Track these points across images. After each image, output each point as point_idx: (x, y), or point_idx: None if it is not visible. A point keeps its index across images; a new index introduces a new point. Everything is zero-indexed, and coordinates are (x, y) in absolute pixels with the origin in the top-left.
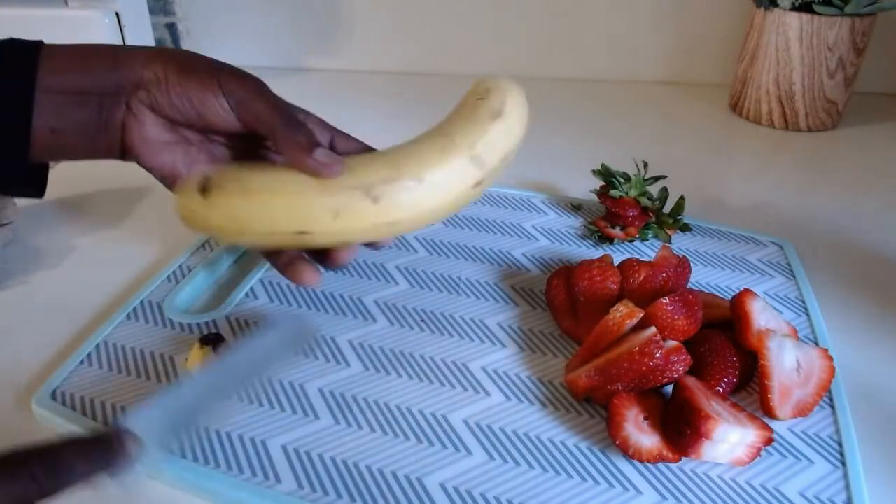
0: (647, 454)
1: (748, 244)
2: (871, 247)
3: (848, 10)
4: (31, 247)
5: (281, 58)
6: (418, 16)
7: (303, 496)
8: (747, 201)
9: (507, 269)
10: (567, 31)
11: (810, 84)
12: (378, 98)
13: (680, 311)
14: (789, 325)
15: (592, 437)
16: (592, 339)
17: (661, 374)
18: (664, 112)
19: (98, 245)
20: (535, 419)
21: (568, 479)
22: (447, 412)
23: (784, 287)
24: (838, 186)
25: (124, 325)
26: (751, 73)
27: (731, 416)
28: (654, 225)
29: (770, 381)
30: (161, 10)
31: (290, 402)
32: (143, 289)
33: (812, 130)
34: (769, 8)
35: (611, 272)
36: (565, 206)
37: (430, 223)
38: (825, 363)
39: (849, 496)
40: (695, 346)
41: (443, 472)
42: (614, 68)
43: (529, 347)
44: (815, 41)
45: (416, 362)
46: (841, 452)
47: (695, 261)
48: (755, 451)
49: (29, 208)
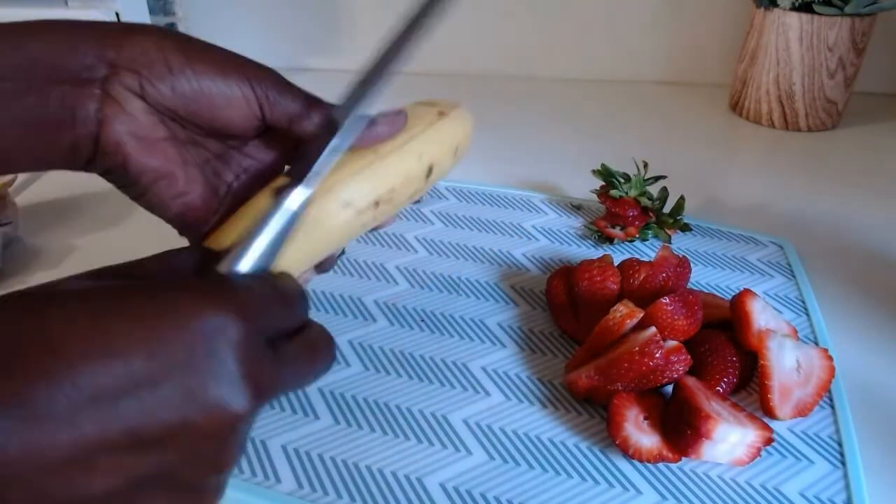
0: (647, 454)
1: (748, 244)
2: (871, 247)
3: (848, 10)
4: (31, 247)
5: (281, 58)
6: None
7: (303, 496)
8: (747, 201)
9: (507, 269)
10: (567, 31)
11: (810, 84)
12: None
13: (680, 311)
14: (789, 325)
15: (592, 437)
16: (592, 339)
17: (661, 374)
18: (664, 112)
19: (98, 245)
20: (535, 419)
21: (568, 479)
22: (447, 412)
23: (784, 287)
24: (838, 186)
25: None
26: (751, 73)
27: (731, 416)
28: (654, 225)
29: (770, 381)
30: (161, 10)
31: (290, 402)
32: None
33: (812, 130)
34: (769, 8)
35: (611, 272)
36: (565, 206)
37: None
38: (825, 363)
39: (849, 496)
40: (695, 346)
41: (443, 472)
42: (614, 68)
43: (529, 347)
44: (815, 41)
45: (416, 362)
46: (841, 452)
47: (695, 261)
48: (755, 451)
49: (29, 208)
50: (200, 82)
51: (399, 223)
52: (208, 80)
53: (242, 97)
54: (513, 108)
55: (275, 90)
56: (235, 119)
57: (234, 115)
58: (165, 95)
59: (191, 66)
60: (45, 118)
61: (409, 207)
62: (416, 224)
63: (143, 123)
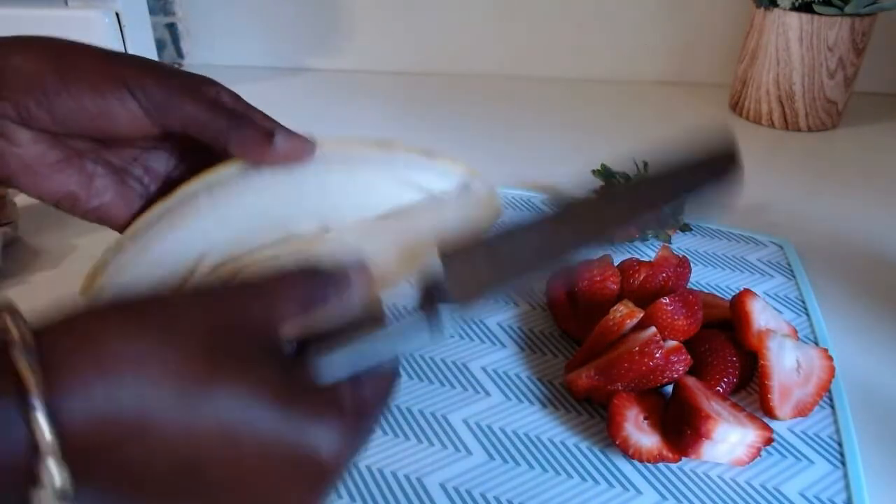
0: (647, 454)
1: (748, 244)
2: (871, 247)
3: (848, 10)
4: (31, 247)
5: (281, 58)
6: (418, 16)
7: None
8: (747, 201)
9: None
10: (567, 31)
11: (810, 84)
12: (378, 98)
13: (680, 311)
14: (789, 325)
15: (592, 437)
16: (592, 339)
17: (661, 374)
18: (664, 112)
19: (98, 245)
20: (535, 419)
21: (568, 479)
22: (447, 412)
23: (784, 287)
24: (838, 186)
25: None
26: (751, 73)
27: (731, 416)
28: (654, 225)
29: (770, 381)
30: (161, 10)
31: None
32: None
33: (812, 130)
34: (769, 8)
35: (611, 272)
36: None
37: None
38: (825, 363)
39: (849, 496)
40: (695, 346)
41: (443, 472)
42: (614, 68)
43: (529, 347)
44: (815, 41)
45: (416, 362)
46: (841, 452)
47: (695, 261)
48: (755, 451)
49: (29, 208)
50: (78, 101)
51: None
52: (86, 98)
53: (123, 110)
54: (513, 108)
55: (170, 98)
56: (125, 129)
57: (122, 125)
58: (45, 120)
59: (66, 88)
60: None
61: None
62: None
63: (33, 153)
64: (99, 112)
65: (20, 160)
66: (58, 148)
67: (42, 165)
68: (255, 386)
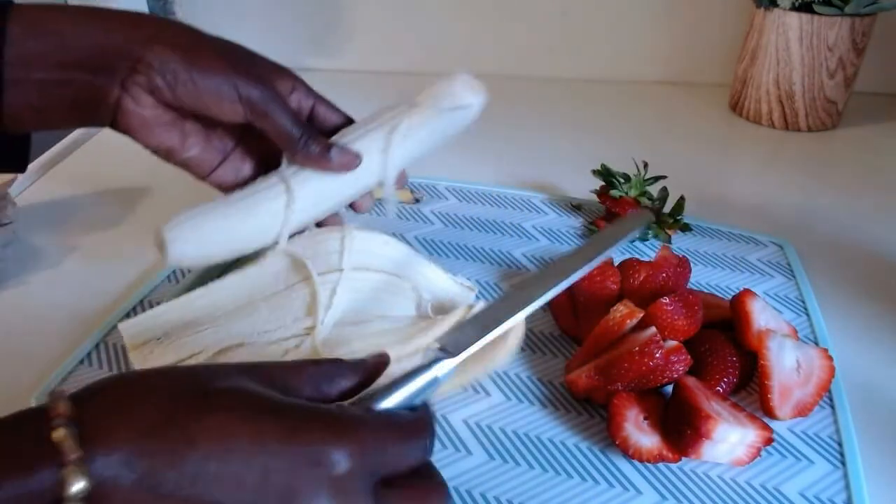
0: (647, 454)
1: (748, 244)
2: (871, 247)
3: (848, 10)
4: (31, 247)
5: (281, 58)
6: (418, 16)
7: None
8: (747, 201)
9: (507, 269)
10: (567, 31)
11: (810, 84)
12: (378, 98)
13: (680, 311)
14: (789, 325)
15: (592, 437)
16: (592, 339)
17: (661, 374)
18: (664, 112)
19: (98, 245)
20: (535, 419)
21: (568, 479)
22: (447, 412)
23: (784, 287)
24: (838, 186)
25: None
26: (751, 73)
27: (731, 416)
28: (655, 225)
29: (770, 381)
30: (161, 10)
31: None
32: (143, 289)
33: (812, 130)
34: (769, 8)
35: (611, 272)
36: (565, 206)
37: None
38: (825, 363)
39: (849, 496)
40: (695, 346)
41: (443, 472)
42: (614, 68)
43: (529, 347)
44: (815, 41)
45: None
46: (841, 452)
47: (695, 261)
48: (755, 451)
49: (29, 208)
50: (199, 94)
51: (399, 223)
52: (203, 93)
53: (230, 108)
54: (513, 108)
55: (262, 104)
56: (224, 118)
57: (223, 115)
58: (167, 96)
59: (192, 80)
60: (81, 102)
61: (409, 207)
62: (416, 224)
63: (150, 114)
64: (210, 102)
65: (141, 118)
66: (169, 113)
67: (155, 124)
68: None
